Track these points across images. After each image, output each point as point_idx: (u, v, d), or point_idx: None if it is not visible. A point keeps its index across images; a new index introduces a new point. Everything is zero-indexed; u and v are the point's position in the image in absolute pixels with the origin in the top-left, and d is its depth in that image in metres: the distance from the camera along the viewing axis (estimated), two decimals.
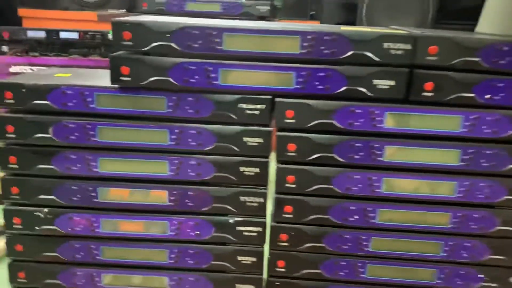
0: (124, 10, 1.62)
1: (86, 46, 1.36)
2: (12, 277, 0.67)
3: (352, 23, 1.49)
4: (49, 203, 0.64)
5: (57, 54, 1.37)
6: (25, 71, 1.35)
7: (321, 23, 1.74)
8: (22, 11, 1.58)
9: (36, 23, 1.55)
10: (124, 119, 0.61)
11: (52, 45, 1.37)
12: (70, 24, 1.53)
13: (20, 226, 0.64)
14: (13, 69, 1.37)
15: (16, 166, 0.63)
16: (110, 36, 1.32)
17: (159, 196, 0.63)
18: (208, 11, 1.15)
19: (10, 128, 0.61)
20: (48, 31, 1.35)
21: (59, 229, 0.64)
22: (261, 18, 1.19)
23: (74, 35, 1.35)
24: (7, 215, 0.64)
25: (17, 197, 0.64)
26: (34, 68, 1.35)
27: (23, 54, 1.38)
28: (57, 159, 0.62)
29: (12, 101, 0.61)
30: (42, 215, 0.64)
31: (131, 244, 0.65)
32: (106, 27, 1.40)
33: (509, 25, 0.72)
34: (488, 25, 0.75)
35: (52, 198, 0.63)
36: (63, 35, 1.36)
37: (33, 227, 0.64)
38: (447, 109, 0.58)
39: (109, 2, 1.65)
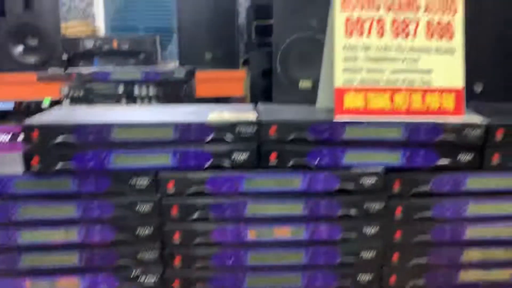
0: (62, 69, 1.64)
1: (21, 117, 1.22)
2: None
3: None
4: None
5: None
6: None
7: (250, 70, 1.82)
8: None
9: None
10: None
11: None
12: (8, 89, 1.56)
13: None
14: None
15: None
16: (44, 104, 1.37)
17: None
18: (131, 78, 1.27)
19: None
20: None
21: None
22: (178, 83, 1.28)
23: (10, 106, 1.42)
24: None
25: None
26: None
27: None
28: None
29: None
30: None
31: None
32: (46, 89, 1.43)
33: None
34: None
35: None
36: None
37: None
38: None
39: (49, 62, 1.72)
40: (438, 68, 0.77)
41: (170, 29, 2.18)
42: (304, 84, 1.36)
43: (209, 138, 0.76)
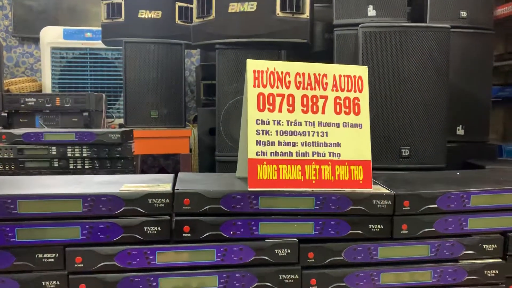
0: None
1: None
2: None
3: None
4: None
5: None
6: None
7: (198, 128, 1.93)
8: None
9: None
10: None
11: None
12: None
13: None
14: None
15: None
16: None
17: None
18: (64, 140, 1.27)
19: None
20: None
21: None
22: (113, 145, 1.29)
23: None
24: None
25: None
26: None
27: None
28: None
29: None
30: None
31: None
32: None
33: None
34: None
35: None
36: None
37: None
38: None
39: None
40: (346, 142, 0.81)
41: (119, 87, 2.19)
42: None
43: (120, 210, 0.75)
